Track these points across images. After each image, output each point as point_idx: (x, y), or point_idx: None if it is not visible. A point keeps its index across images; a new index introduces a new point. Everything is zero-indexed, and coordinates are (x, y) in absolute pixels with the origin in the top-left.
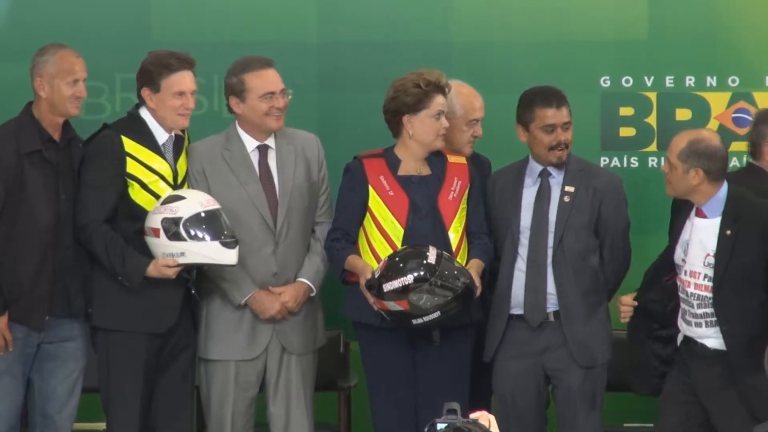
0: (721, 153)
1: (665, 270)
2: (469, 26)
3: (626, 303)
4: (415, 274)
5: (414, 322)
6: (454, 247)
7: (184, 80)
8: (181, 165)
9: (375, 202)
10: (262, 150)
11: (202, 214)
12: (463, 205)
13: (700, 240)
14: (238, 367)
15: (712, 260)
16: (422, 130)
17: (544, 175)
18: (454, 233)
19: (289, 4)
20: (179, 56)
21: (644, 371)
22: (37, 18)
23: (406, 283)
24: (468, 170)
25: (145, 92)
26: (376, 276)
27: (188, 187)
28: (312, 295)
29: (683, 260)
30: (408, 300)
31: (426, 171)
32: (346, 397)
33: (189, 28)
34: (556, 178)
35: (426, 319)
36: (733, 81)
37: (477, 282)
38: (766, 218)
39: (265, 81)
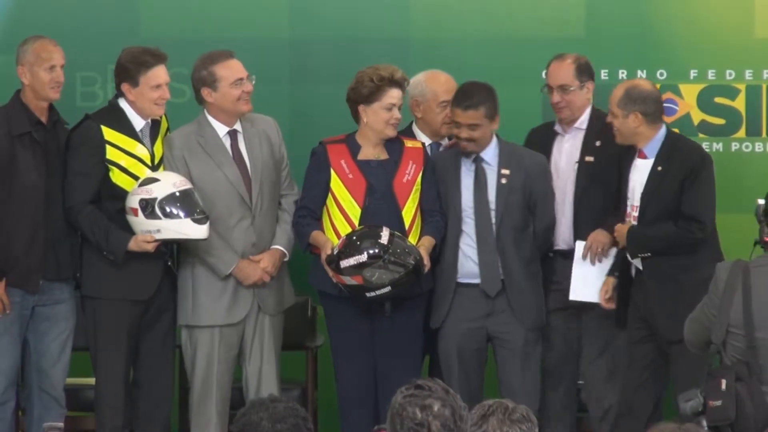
0: (654, 95)
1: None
2: (426, 24)
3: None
4: (370, 252)
5: (368, 294)
6: (407, 226)
7: (159, 74)
8: (158, 148)
9: (336, 183)
10: (232, 135)
11: (176, 194)
12: (417, 186)
13: (640, 177)
14: (223, 331)
15: None
16: (374, 119)
17: (477, 161)
18: (408, 213)
19: (264, 3)
20: (153, 52)
21: None
22: (36, 14)
23: (361, 260)
24: (423, 154)
25: (125, 87)
26: (335, 252)
27: (164, 169)
28: (285, 259)
29: (628, 197)
30: (362, 276)
31: (384, 156)
32: (313, 356)
33: (173, 24)
34: (491, 163)
35: (378, 292)
36: (661, 74)
37: (426, 259)
38: (692, 157)
39: (234, 69)
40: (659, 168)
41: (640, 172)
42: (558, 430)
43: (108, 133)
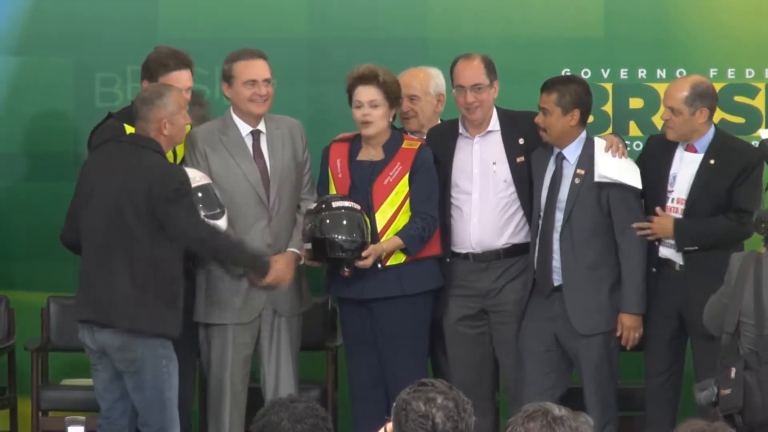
0: (715, 91)
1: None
2: (444, 24)
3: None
4: (313, 206)
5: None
6: (380, 227)
7: (179, 79)
8: (180, 148)
9: (330, 182)
10: (255, 134)
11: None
12: (401, 188)
13: (690, 171)
14: (235, 330)
15: None
16: (356, 120)
17: (558, 159)
18: (382, 215)
19: (283, 3)
20: (178, 56)
21: None
22: (55, 14)
23: (309, 208)
24: (415, 155)
25: (145, 84)
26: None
27: (185, 165)
28: (301, 263)
29: (670, 190)
30: (303, 222)
31: (379, 156)
32: (333, 356)
33: (192, 24)
34: (571, 162)
35: (305, 244)
36: (681, 73)
37: (366, 252)
38: (745, 156)
39: (250, 70)
40: (711, 161)
41: (688, 165)
42: None
43: (131, 132)
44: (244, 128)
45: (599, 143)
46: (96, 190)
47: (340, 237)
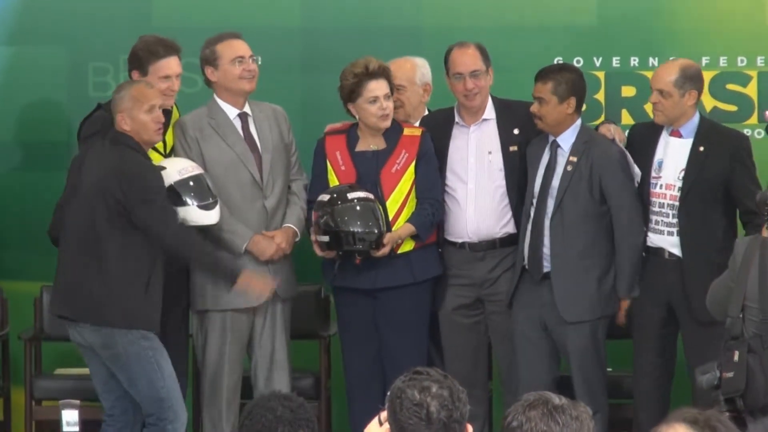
0: (702, 74)
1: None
2: (438, 13)
3: None
4: (324, 198)
5: (316, 235)
6: (392, 215)
7: (169, 65)
8: (170, 137)
9: (331, 175)
10: (243, 117)
11: (182, 182)
12: (408, 176)
13: (677, 157)
14: (234, 318)
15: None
16: (363, 115)
17: (553, 147)
18: (393, 203)
19: None
20: (166, 43)
21: None
22: (48, 4)
23: (323, 200)
24: (419, 142)
25: (135, 74)
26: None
27: (176, 153)
28: (297, 239)
29: (655, 176)
30: (315, 214)
31: (381, 145)
32: (326, 345)
33: (185, 13)
34: (565, 150)
35: (320, 237)
36: None
37: (385, 240)
38: (734, 141)
39: (234, 48)
40: (701, 148)
41: (676, 151)
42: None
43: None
44: (232, 111)
45: (606, 128)
46: (79, 186)
47: (358, 229)
